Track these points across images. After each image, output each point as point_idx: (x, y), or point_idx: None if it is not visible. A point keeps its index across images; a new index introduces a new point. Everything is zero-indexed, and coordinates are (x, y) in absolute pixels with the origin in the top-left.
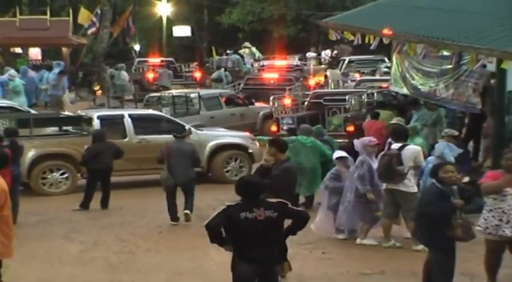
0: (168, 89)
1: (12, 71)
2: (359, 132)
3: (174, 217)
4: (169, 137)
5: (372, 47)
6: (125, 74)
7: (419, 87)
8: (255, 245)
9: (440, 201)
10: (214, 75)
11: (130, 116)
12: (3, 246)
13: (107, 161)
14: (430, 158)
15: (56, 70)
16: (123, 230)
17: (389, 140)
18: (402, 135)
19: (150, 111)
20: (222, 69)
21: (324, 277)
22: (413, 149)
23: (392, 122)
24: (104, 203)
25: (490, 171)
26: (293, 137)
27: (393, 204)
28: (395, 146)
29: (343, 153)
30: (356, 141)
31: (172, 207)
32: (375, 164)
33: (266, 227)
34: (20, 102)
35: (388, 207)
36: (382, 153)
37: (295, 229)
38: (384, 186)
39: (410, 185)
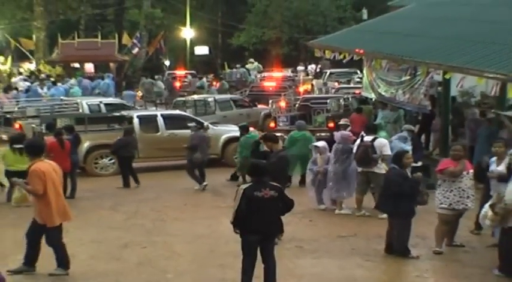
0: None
1: (72, 81)
2: (338, 128)
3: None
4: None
5: (344, 61)
6: (161, 83)
7: (383, 93)
8: (260, 217)
9: (405, 180)
10: (198, 84)
11: (162, 115)
12: (47, 215)
13: (133, 150)
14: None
15: (107, 80)
16: (156, 203)
17: (362, 132)
18: (372, 129)
19: (177, 112)
20: (204, 79)
21: (311, 239)
22: (381, 141)
23: (341, 122)
24: (127, 183)
25: (444, 159)
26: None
27: (365, 183)
28: (368, 138)
29: (318, 143)
30: (337, 133)
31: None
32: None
33: (269, 203)
34: None
35: (361, 185)
36: (358, 144)
37: (283, 212)
38: (359, 169)
39: (381, 168)
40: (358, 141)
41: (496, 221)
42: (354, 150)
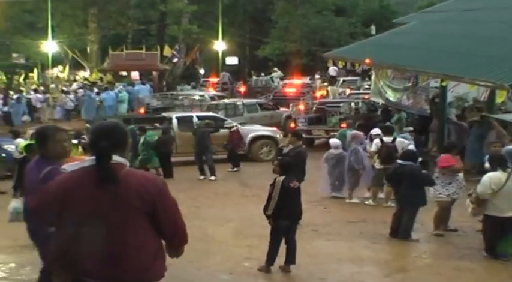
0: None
1: (120, 87)
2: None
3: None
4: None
5: (357, 71)
6: (195, 90)
7: (390, 98)
8: (290, 205)
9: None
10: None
11: (197, 116)
12: None
13: (170, 147)
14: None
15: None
16: (192, 192)
17: (375, 132)
18: (390, 130)
19: (210, 113)
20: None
21: (325, 223)
22: (401, 141)
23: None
24: (167, 174)
25: (443, 155)
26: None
27: (383, 178)
28: (388, 139)
29: (331, 140)
30: (348, 133)
31: None
32: (361, 148)
33: (297, 193)
34: (123, 109)
35: (379, 180)
36: (380, 144)
37: None
38: (379, 166)
39: None
40: (377, 141)
41: (475, 209)
42: (372, 149)
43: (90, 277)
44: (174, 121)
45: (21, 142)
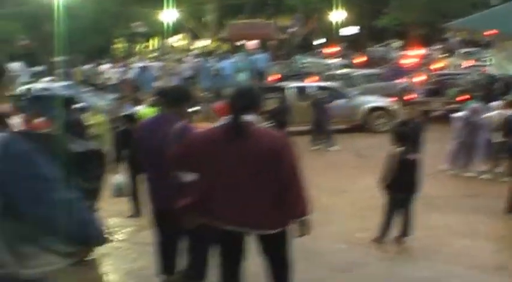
0: None
1: (237, 57)
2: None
3: None
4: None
5: (480, 42)
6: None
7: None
8: (407, 177)
9: None
10: None
11: (315, 86)
12: None
13: (285, 116)
14: None
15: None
16: (307, 162)
17: (495, 105)
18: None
19: (328, 83)
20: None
21: (441, 196)
22: None
23: None
24: None
25: None
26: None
27: (502, 152)
28: (510, 112)
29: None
30: (470, 106)
31: None
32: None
33: (414, 165)
34: (241, 77)
35: (498, 153)
36: (503, 118)
37: None
38: (497, 139)
39: None
40: (497, 113)
41: None
42: (492, 120)
43: (223, 222)
44: (291, 91)
45: (141, 110)
